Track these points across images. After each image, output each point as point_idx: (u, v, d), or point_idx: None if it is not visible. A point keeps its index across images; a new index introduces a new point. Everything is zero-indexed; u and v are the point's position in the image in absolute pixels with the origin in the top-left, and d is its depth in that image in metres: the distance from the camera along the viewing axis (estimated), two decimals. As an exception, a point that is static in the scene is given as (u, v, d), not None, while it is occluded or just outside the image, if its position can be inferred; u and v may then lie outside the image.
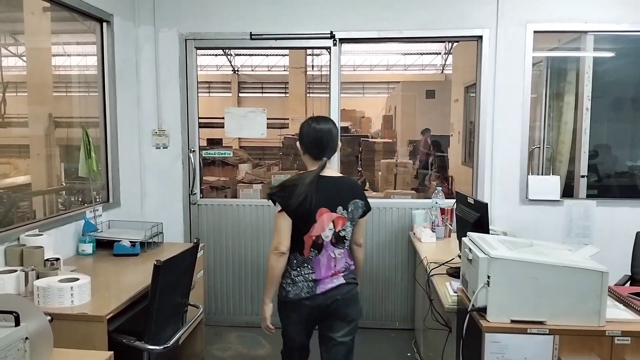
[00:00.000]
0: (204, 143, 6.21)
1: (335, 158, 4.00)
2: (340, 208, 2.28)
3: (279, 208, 2.23)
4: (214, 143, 7.04)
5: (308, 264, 2.27)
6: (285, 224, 2.23)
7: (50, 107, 3.95)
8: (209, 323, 3.98)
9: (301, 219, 2.23)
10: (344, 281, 2.31)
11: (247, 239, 4.09)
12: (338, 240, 2.29)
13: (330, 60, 4.00)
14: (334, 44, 3.93)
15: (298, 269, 2.28)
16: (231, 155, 5.84)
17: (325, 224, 2.25)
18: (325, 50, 4.02)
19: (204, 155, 4.44)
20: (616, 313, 1.94)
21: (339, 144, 2.48)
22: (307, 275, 2.27)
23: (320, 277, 2.27)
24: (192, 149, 4.08)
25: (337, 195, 2.29)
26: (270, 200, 2.27)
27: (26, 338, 1.43)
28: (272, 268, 2.25)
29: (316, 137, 2.32)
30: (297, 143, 2.41)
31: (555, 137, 4.27)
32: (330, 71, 4.02)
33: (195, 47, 4.06)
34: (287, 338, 2.41)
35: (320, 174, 2.28)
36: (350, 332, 2.38)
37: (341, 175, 2.46)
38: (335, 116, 3.96)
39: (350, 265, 2.38)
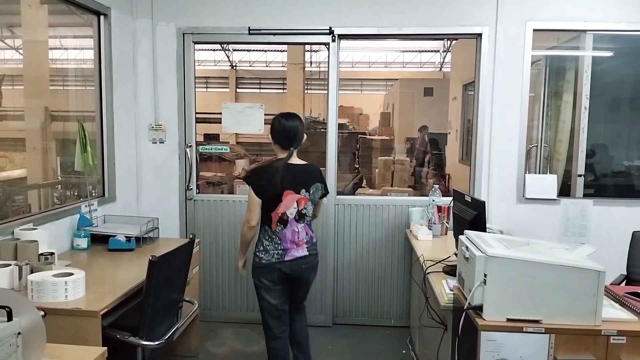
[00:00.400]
0: (200, 138, 6.18)
1: (333, 154, 4.00)
2: (303, 190, 2.78)
3: (252, 190, 2.71)
4: (210, 138, 7.01)
5: (276, 236, 2.76)
6: (256, 202, 2.71)
7: (47, 101, 3.92)
8: (204, 319, 3.97)
9: (269, 198, 2.72)
10: (307, 253, 2.82)
11: (224, 234, 4.07)
12: (300, 217, 2.79)
13: (329, 56, 3.98)
14: (333, 40, 3.92)
15: (269, 239, 2.76)
16: (228, 150, 5.81)
17: (289, 204, 2.74)
18: (323, 46, 4.01)
19: (200, 151, 4.41)
20: (612, 312, 1.93)
21: (304, 136, 2.88)
22: (276, 245, 2.76)
23: (287, 247, 2.76)
24: (189, 144, 4.06)
25: (301, 179, 2.79)
26: (244, 181, 2.79)
27: (19, 333, 1.41)
28: (243, 236, 2.83)
29: (285, 132, 2.79)
30: (269, 135, 2.86)
31: (553, 136, 4.27)
32: (328, 67, 4.00)
33: (193, 42, 4.03)
34: (263, 305, 2.86)
35: (288, 162, 2.75)
36: (308, 290, 3.01)
37: (306, 162, 2.87)
38: (333, 112, 3.95)
39: (313, 237, 2.89)
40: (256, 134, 4.22)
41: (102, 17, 3.59)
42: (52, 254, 2.55)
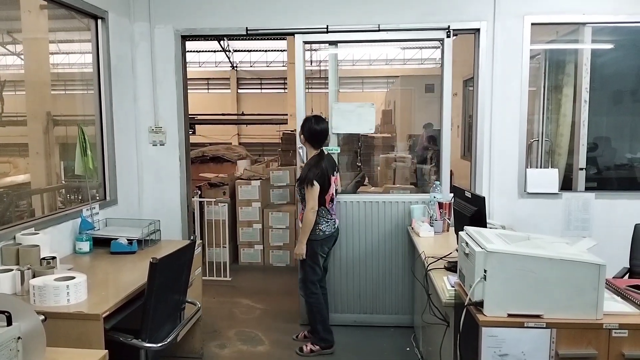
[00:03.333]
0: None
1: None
2: (334, 172, 3.61)
3: (312, 185, 3.35)
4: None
5: (328, 212, 3.51)
6: (317, 192, 3.38)
7: (49, 105, 3.93)
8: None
9: (325, 185, 3.43)
10: (338, 220, 3.70)
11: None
12: (336, 193, 3.63)
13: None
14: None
15: (325, 216, 3.49)
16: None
17: (332, 185, 3.54)
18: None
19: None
20: (614, 306, 1.93)
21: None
22: (329, 218, 3.52)
23: (334, 218, 3.59)
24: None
25: (332, 165, 3.61)
26: (306, 181, 3.36)
27: (18, 338, 1.42)
28: (310, 221, 3.41)
29: (320, 135, 3.52)
30: (300, 136, 3.60)
31: (554, 130, 4.25)
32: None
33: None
34: (317, 267, 3.54)
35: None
36: None
37: (325, 152, 3.60)
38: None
39: None
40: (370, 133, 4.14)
41: (99, 21, 3.60)
42: (54, 258, 2.57)
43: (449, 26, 3.81)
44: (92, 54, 3.63)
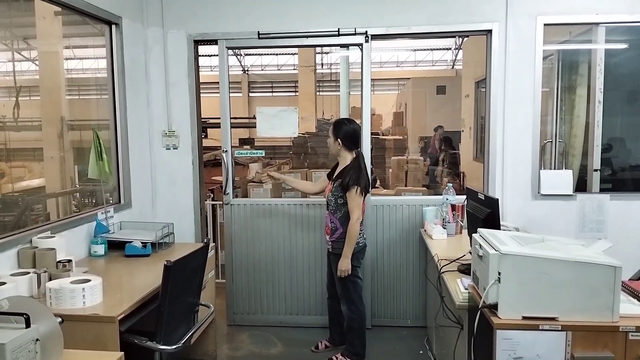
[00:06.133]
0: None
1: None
2: None
3: (360, 192, 3.19)
4: (245, 143, 7.04)
5: (362, 223, 3.31)
6: (361, 200, 3.23)
7: (63, 110, 3.98)
8: (234, 323, 4.04)
9: (366, 194, 3.30)
10: None
11: (261, 239, 4.09)
12: None
13: (362, 57, 3.96)
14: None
15: (361, 226, 3.29)
16: (263, 154, 5.83)
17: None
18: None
19: (236, 155, 4.41)
20: (630, 308, 1.90)
21: None
22: (363, 230, 3.37)
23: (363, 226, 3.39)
24: (225, 149, 4.04)
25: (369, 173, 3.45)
26: (353, 187, 3.18)
27: (37, 339, 1.44)
28: (356, 233, 3.23)
29: (356, 135, 3.37)
30: (336, 139, 3.31)
31: (567, 131, 4.21)
32: (362, 69, 3.99)
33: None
34: (358, 276, 3.40)
35: None
36: None
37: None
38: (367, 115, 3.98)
39: None
40: (289, 136, 4.20)
41: (114, 27, 3.64)
42: (69, 261, 2.59)
43: (366, 31, 3.83)
44: (107, 59, 3.67)
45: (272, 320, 4.12)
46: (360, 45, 3.92)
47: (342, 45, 4.03)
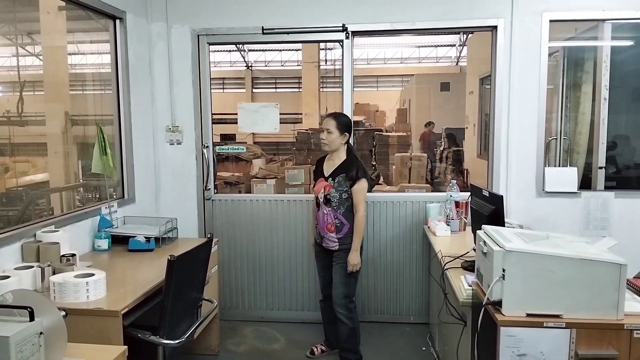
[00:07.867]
0: (217, 139, 6.21)
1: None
2: None
3: (366, 185, 3.17)
4: (227, 138, 7.05)
5: None
6: (366, 193, 3.22)
7: (67, 105, 3.98)
8: (223, 318, 4.01)
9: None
10: None
11: (260, 234, 4.10)
12: None
13: (342, 53, 3.97)
14: (347, 37, 3.90)
15: None
16: (244, 150, 5.84)
17: None
18: (338, 43, 4.00)
19: (217, 151, 4.44)
20: (635, 306, 1.89)
21: None
22: None
23: None
24: (206, 145, 4.09)
25: None
26: (363, 179, 3.15)
27: (40, 333, 1.44)
28: (363, 227, 3.21)
29: (351, 126, 3.33)
30: (343, 133, 3.22)
31: (572, 128, 4.19)
32: (342, 65, 3.99)
33: (207, 43, 4.06)
34: (357, 279, 3.35)
35: None
36: None
37: None
38: (348, 110, 3.94)
39: None
40: (272, 133, 4.23)
41: (118, 21, 3.63)
42: (73, 255, 2.60)
43: (344, 24, 3.84)
44: (111, 54, 3.67)
45: (254, 316, 4.15)
46: (340, 41, 3.94)
47: (324, 41, 4.05)
